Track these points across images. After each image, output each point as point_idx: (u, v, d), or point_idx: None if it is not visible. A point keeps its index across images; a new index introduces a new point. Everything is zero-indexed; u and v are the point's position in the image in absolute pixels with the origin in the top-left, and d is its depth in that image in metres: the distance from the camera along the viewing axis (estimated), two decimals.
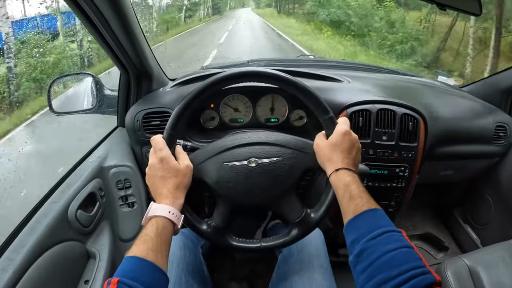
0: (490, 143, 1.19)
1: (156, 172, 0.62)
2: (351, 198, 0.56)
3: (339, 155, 0.62)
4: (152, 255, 0.51)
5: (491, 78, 1.31)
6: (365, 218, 0.53)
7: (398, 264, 0.45)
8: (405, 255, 0.46)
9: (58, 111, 1.04)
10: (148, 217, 0.57)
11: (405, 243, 0.48)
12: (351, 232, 0.54)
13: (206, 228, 0.69)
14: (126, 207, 0.98)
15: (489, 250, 0.96)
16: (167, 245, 0.56)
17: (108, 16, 0.74)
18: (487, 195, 1.34)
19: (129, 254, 0.50)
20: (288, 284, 0.74)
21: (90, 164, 0.94)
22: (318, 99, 0.68)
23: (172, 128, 0.66)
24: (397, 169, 1.01)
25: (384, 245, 0.48)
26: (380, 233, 0.49)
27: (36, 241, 0.70)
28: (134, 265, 0.49)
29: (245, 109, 1.05)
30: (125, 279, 0.46)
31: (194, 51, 8.53)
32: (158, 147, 0.63)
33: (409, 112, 0.98)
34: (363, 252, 0.49)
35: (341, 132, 0.64)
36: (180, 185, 0.62)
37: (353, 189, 0.58)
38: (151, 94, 1.05)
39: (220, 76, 0.68)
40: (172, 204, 0.59)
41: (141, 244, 0.52)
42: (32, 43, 4.21)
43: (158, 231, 0.55)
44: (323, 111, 0.68)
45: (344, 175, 0.60)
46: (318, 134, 0.69)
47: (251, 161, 0.67)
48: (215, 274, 1.30)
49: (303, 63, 1.47)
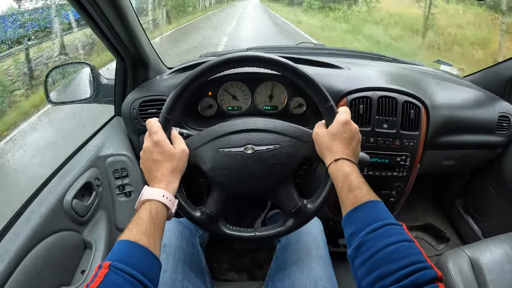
0: (493, 133, 1.17)
1: (151, 156, 0.61)
2: (350, 189, 0.55)
3: (339, 145, 0.61)
4: (145, 239, 0.49)
5: (494, 67, 1.29)
6: (364, 210, 0.52)
7: (398, 258, 0.43)
8: (406, 249, 0.45)
9: (55, 101, 1.03)
10: (141, 200, 0.56)
11: (406, 236, 0.47)
12: (350, 225, 0.52)
13: (200, 215, 0.67)
14: (123, 196, 0.97)
15: (491, 241, 0.95)
16: (160, 230, 0.54)
17: (102, 4, 0.72)
18: (489, 186, 1.33)
19: (121, 238, 0.49)
20: (286, 274, 0.74)
21: (86, 153, 0.93)
22: (318, 86, 0.66)
23: (168, 112, 0.64)
24: (398, 158, 0.99)
25: (384, 238, 0.46)
26: (379, 226, 0.48)
27: (31, 231, 0.70)
28: (126, 249, 0.48)
29: (243, 96, 1.04)
30: (117, 263, 0.45)
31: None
32: (153, 130, 0.62)
33: (411, 100, 0.96)
34: (362, 245, 0.47)
35: (341, 121, 0.62)
36: (175, 170, 0.61)
37: (353, 180, 0.56)
38: (147, 82, 1.03)
39: (220, 59, 0.66)
40: (166, 188, 0.58)
41: (134, 228, 0.50)
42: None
43: (152, 215, 0.53)
44: (323, 99, 0.65)
45: (343, 165, 0.59)
46: (318, 123, 0.67)
47: (247, 148, 0.65)
48: (214, 264, 1.30)
49: (304, 50, 1.45)
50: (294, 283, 0.71)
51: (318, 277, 0.72)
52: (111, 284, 0.43)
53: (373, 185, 0.57)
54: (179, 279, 0.70)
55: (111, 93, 1.09)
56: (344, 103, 0.95)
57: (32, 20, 3.86)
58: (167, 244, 0.77)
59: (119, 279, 0.43)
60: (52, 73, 1.01)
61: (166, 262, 0.73)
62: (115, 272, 0.44)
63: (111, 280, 0.43)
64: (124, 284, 0.43)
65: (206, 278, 0.79)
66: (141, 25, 0.91)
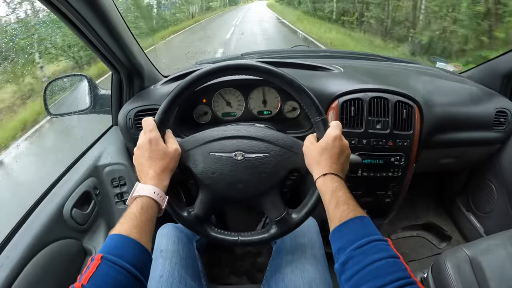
0: (490, 129, 1.17)
1: (144, 153, 0.62)
2: (337, 204, 0.56)
3: (328, 160, 0.62)
4: (136, 233, 0.51)
5: (490, 62, 1.27)
6: (351, 226, 0.53)
7: (384, 274, 0.44)
8: (391, 265, 0.46)
9: (55, 113, 1.06)
10: (133, 196, 0.58)
11: (391, 253, 0.48)
12: (337, 240, 0.53)
13: (187, 215, 0.69)
14: (122, 204, 0.99)
15: (491, 238, 0.94)
16: (151, 224, 0.56)
17: (88, 17, 0.73)
18: (490, 183, 1.31)
19: (113, 232, 0.51)
20: (280, 277, 0.74)
21: (85, 163, 0.96)
22: (312, 99, 0.67)
23: (164, 113, 0.66)
24: (393, 158, 1.00)
25: (370, 254, 0.48)
26: (366, 242, 0.49)
27: (33, 239, 0.72)
28: (118, 242, 0.49)
29: (237, 102, 1.05)
30: (109, 255, 0.46)
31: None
32: (148, 128, 0.64)
33: (403, 100, 0.96)
34: (349, 261, 0.49)
35: (332, 136, 0.63)
36: (166, 168, 0.62)
37: (340, 195, 0.57)
38: (142, 92, 1.05)
39: (219, 65, 0.67)
40: (157, 184, 0.60)
41: (125, 223, 0.52)
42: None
43: (143, 210, 0.55)
44: (316, 113, 0.67)
45: (331, 180, 0.60)
46: (308, 135, 0.68)
47: (237, 154, 0.67)
48: (215, 268, 1.31)
49: (298, 54, 1.46)
50: (288, 286, 0.71)
51: (312, 279, 0.72)
52: (103, 276, 0.44)
53: (368, 187, 0.57)
54: (176, 283, 0.72)
55: (109, 104, 1.11)
56: (336, 106, 0.96)
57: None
58: (164, 249, 0.79)
59: (111, 270, 0.45)
60: (50, 86, 1.03)
61: (163, 266, 0.74)
62: (107, 264, 0.45)
63: (103, 271, 0.44)
64: (115, 276, 0.45)
65: (202, 281, 0.80)
66: (133, 35, 0.93)
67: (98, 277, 0.44)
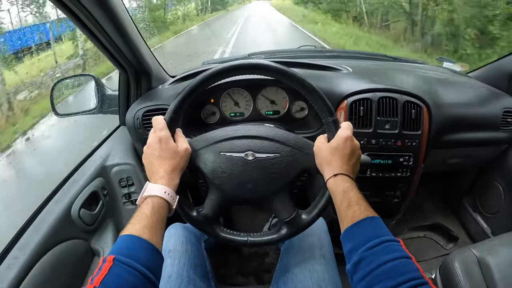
0: (498, 129, 1.16)
1: (154, 152, 0.62)
2: (349, 205, 0.56)
3: (339, 160, 0.62)
4: (148, 233, 0.50)
5: (497, 62, 1.27)
6: (363, 226, 0.53)
7: (396, 275, 0.45)
8: (404, 266, 0.46)
9: (62, 113, 1.06)
10: (143, 196, 0.57)
11: (403, 253, 0.48)
12: (349, 240, 0.53)
13: (196, 215, 0.68)
14: (130, 204, 0.99)
15: (499, 239, 0.93)
16: (162, 224, 0.55)
17: (98, 16, 0.73)
18: (497, 183, 1.30)
19: (125, 233, 0.50)
20: (289, 277, 0.74)
21: (92, 163, 0.96)
22: (323, 100, 0.66)
23: (174, 112, 0.66)
24: (401, 158, 0.99)
25: (382, 255, 0.48)
26: (378, 242, 0.49)
27: (41, 240, 0.72)
28: (129, 243, 0.49)
29: (245, 102, 1.05)
30: (121, 256, 0.46)
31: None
32: (158, 127, 0.63)
33: (411, 100, 0.96)
34: (361, 261, 0.49)
35: (343, 137, 0.63)
36: (176, 167, 0.62)
37: (352, 196, 0.57)
38: (150, 92, 1.05)
39: (229, 65, 0.67)
40: (167, 184, 0.59)
41: (136, 223, 0.51)
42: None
43: (154, 210, 0.54)
44: (328, 113, 0.66)
45: (342, 181, 0.60)
46: (319, 136, 0.68)
47: (248, 154, 0.66)
48: (222, 269, 1.31)
49: (305, 53, 1.45)
50: (297, 286, 0.71)
51: (321, 279, 0.72)
52: (115, 277, 0.44)
53: (377, 187, 0.57)
54: (184, 283, 0.71)
55: (116, 103, 1.11)
56: (345, 106, 0.95)
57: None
58: (172, 249, 0.78)
59: (123, 272, 0.45)
60: (57, 86, 1.03)
61: (171, 267, 0.74)
62: (119, 265, 0.45)
63: (116, 273, 0.44)
64: (128, 277, 0.44)
65: (211, 282, 0.80)
66: (141, 35, 0.93)
67: (110, 279, 0.43)
